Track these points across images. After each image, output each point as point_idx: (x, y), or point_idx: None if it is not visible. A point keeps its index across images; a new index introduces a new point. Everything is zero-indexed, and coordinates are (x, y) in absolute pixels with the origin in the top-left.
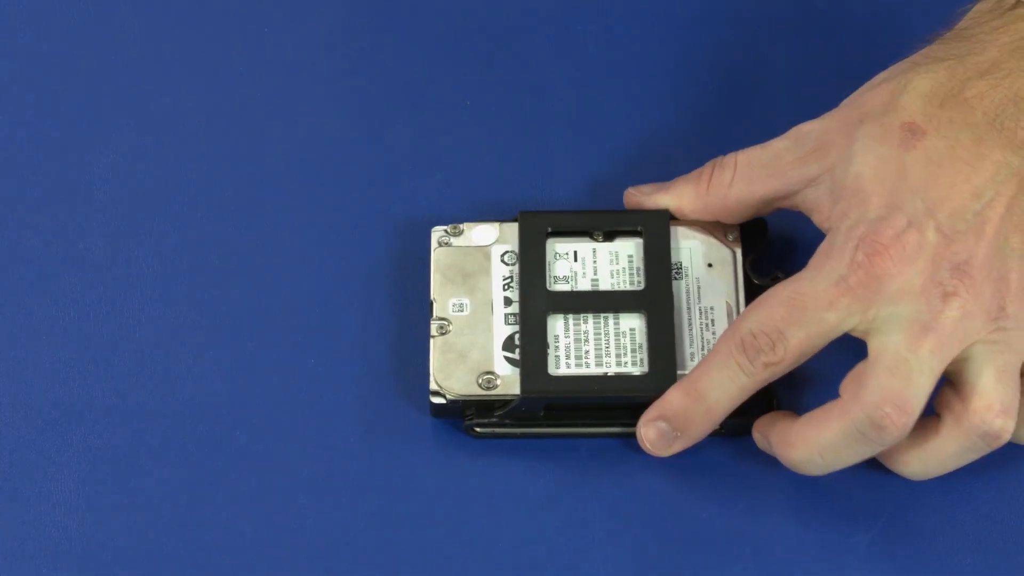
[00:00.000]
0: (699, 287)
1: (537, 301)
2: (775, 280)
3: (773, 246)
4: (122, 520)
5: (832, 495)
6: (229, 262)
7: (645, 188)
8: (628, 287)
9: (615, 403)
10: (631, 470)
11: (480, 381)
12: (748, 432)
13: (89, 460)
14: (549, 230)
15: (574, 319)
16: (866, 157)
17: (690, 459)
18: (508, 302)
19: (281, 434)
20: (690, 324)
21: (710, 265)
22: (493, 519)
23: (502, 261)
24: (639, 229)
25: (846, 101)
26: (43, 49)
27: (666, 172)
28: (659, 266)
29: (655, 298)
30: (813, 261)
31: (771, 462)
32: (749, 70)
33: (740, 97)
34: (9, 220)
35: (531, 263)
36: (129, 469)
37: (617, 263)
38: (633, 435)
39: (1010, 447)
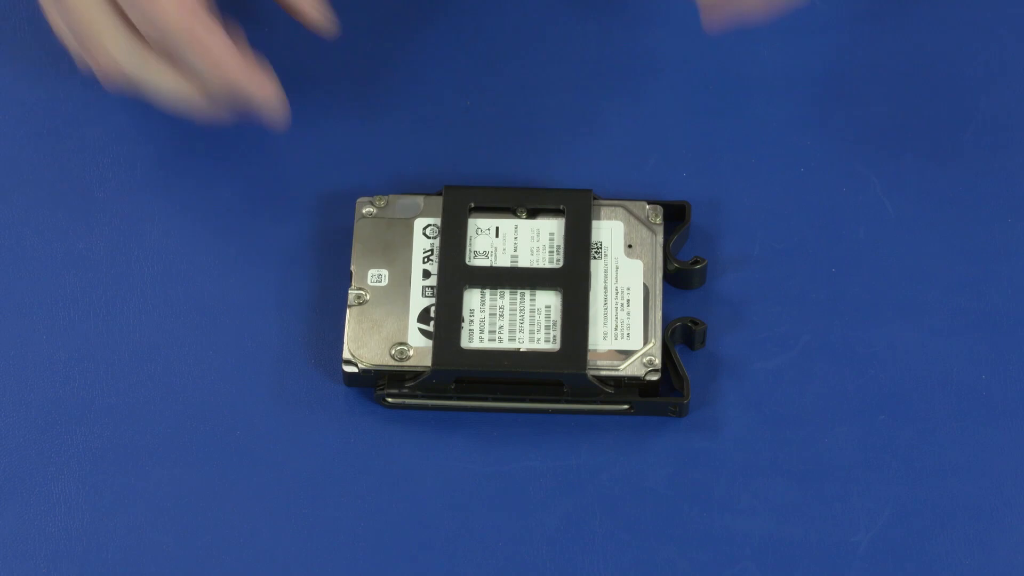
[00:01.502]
0: (617, 267)
1: (455, 274)
2: (695, 263)
3: (694, 232)
4: (122, 520)
5: (832, 495)
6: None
7: None
8: (547, 265)
9: (525, 379)
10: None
11: (393, 352)
12: (656, 411)
13: (89, 460)
14: (472, 205)
15: (491, 294)
16: None
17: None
18: (427, 275)
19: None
20: (605, 303)
21: (630, 246)
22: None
23: (424, 234)
24: (561, 208)
25: None
26: (43, 48)
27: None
28: (578, 245)
29: (572, 277)
30: None
31: (767, 458)
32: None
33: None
34: (9, 220)
35: (452, 237)
36: (129, 469)
37: (538, 240)
38: (543, 412)
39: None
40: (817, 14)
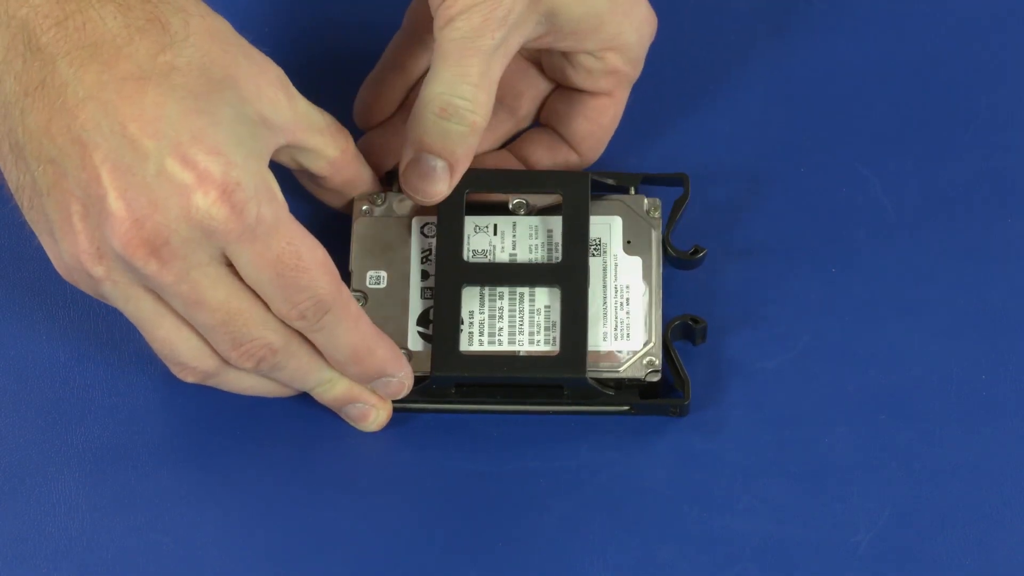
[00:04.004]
0: (616, 264)
1: (453, 272)
2: (695, 253)
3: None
4: (122, 520)
5: (832, 495)
6: None
7: None
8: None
9: (525, 383)
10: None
11: None
12: (657, 412)
13: (89, 460)
14: (468, 191)
15: (489, 294)
16: None
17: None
18: (425, 276)
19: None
20: (605, 302)
21: (629, 242)
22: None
23: (422, 233)
24: (558, 191)
25: None
26: None
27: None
28: (576, 236)
29: (570, 272)
30: None
31: (767, 458)
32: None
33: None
34: (10, 220)
35: (449, 227)
36: (129, 469)
37: (536, 237)
38: (547, 414)
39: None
40: (817, 14)
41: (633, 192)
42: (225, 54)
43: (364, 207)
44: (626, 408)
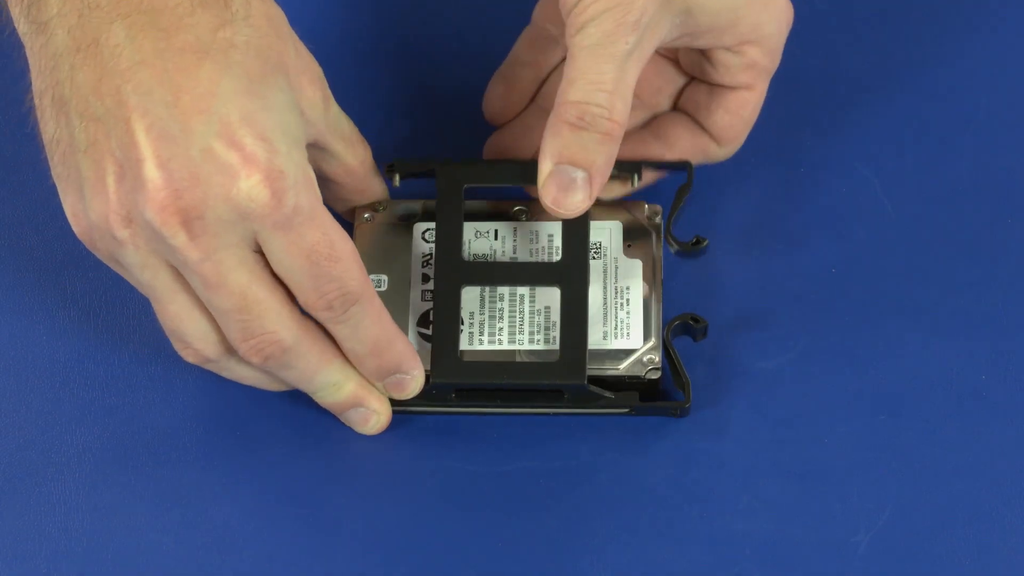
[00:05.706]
0: (617, 267)
1: (452, 271)
2: (696, 244)
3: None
4: (122, 520)
5: (832, 495)
6: None
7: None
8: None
9: (524, 388)
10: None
11: None
12: (658, 413)
13: (89, 460)
14: (466, 185)
15: (489, 295)
16: None
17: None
18: (426, 279)
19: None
20: (605, 303)
21: (629, 245)
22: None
23: (423, 238)
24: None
25: None
26: None
27: None
28: (576, 233)
29: (571, 272)
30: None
31: (767, 458)
32: None
33: None
34: (10, 219)
35: (449, 227)
36: (129, 469)
37: (537, 242)
38: (543, 414)
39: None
40: (817, 14)
41: (636, 180)
42: (279, 41)
43: (366, 215)
44: (627, 409)
